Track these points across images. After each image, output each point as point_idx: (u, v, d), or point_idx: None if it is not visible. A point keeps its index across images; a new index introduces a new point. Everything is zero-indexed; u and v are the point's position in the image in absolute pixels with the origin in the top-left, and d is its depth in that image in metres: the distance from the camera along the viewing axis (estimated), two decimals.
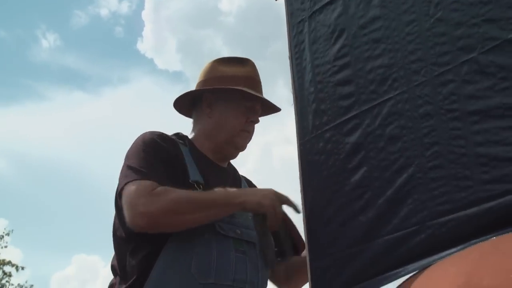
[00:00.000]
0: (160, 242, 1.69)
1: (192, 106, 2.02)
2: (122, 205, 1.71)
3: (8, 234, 18.19)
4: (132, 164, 1.76)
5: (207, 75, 1.99)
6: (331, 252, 1.39)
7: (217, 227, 1.73)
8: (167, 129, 1.92)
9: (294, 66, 1.62)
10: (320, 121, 1.50)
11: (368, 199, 1.34)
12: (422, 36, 1.31)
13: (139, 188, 1.68)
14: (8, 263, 17.48)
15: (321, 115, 1.50)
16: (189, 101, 2.02)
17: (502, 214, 1.09)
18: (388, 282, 1.28)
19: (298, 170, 1.54)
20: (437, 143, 1.24)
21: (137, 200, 1.65)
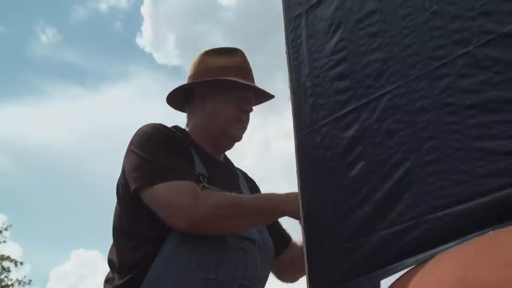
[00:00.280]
0: (163, 239, 1.70)
1: (185, 101, 2.02)
2: (151, 203, 1.70)
3: (6, 229, 18.24)
4: (155, 160, 1.76)
5: (197, 68, 2.00)
6: (328, 247, 1.39)
7: None
8: (166, 123, 1.92)
9: (291, 60, 1.61)
10: (317, 116, 1.49)
11: (365, 193, 1.34)
12: (418, 30, 1.30)
13: (182, 191, 1.70)
14: (7, 258, 17.51)
15: (318, 109, 1.50)
16: (182, 95, 2.02)
17: (499, 208, 1.09)
18: (385, 277, 1.28)
19: (295, 164, 1.54)
20: (433, 138, 1.23)
21: (182, 203, 1.67)
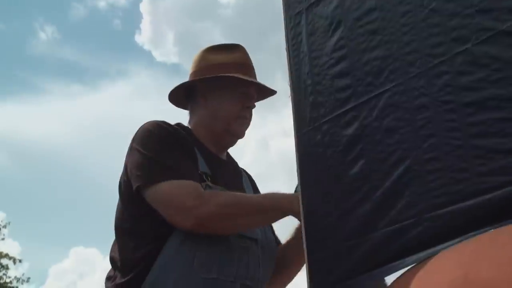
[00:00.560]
0: (165, 237, 1.70)
1: (187, 98, 2.02)
2: (154, 202, 1.70)
3: (5, 227, 18.27)
4: (158, 158, 1.75)
5: (198, 65, 1.98)
6: (328, 245, 1.39)
7: None
8: (166, 121, 1.92)
9: (291, 58, 1.61)
10: (318, 114, 1.49)
11: (365, 191, 1.34)
12: (417, 27, 1.30)
13: (186, 190, 1.70)
14: (6, 256, 17.53)
15: (318, 107, 1.50)
16: (183, 93, 2.01)
17: (499, 206, 1.08)
18: (385, 275, 1.29)
19: (296, 163, 1.54)
20: (433, 135, 1.23)
21: (187, 202, 1.67)
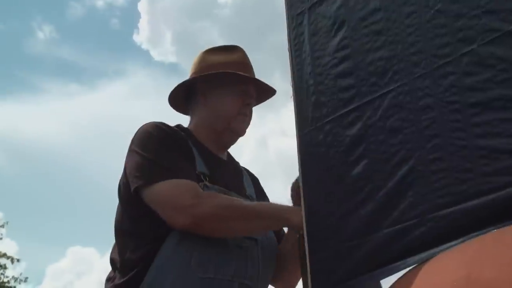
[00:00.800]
0: (163, 238, 1.70)
1: (187, 101, 2.02)
2: (152, 202, 1.70)
3: (3, 226, 18.17)
4: (156, 159, 1.75)
5: (198, 67, 2.00)
6: (330, 245, 1.39)
7: None
8: (163, 120, 1.92)
9: (294, 58, 1.61)
10: (320, 114, 1.49)
11: (368, 191, 1.34)
12: (422, 28, 1.30)
13: (184, 189, 1.69)
14: (4, 255, 17.43)
15: (321, 107, 1.49)
16: (183, 95, 2.02)
17: (503, 207, 1.08)
18: (388, 275, 1.28)
19: (298, 162, 1.53)
20: (437, 136, 1.23)
21: (183, 201, 1.67)
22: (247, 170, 2.12)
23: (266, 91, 2.04)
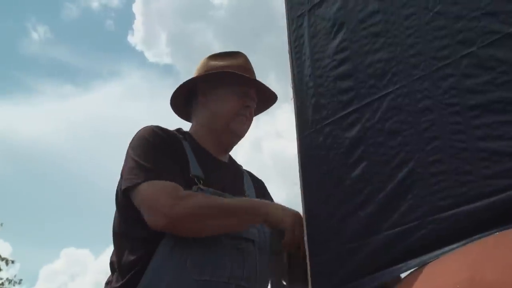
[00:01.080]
0: (159, 240, 1.70)
1: (188, 104, 2.03)
2: (136, 203, 1.70)
3: None
4: (143, 162, 1.76)
5: (200, 70, 2.02)
6: (331, 247, 1.39)
7: None
8: (158, 122, 1.93)
9: (294, 60, 1.61)
10: (320, 116, 1.49)
11: (368, 194, 1.34)
12: (421, 30, 1.30)
13: (162, 190, 1.69)
14: None
15: (320, 109, 1.49)
16: (185, 99, 2.03)
17: (504, 209, 1.08)
18: (388, 278, 1.28)
19: (298, 165, 1.53)
20: (437, 138, 1.23)
21: (160, 202, 1.67)
22: (250, 174, 2.12)
23: (267, 97, 2.05)
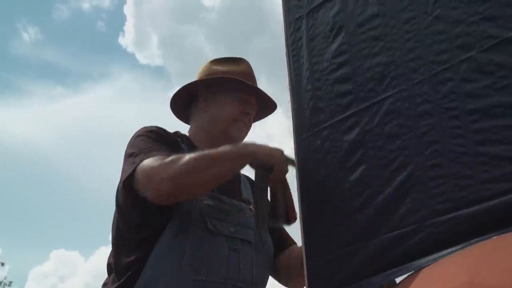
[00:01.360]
0: (155, 241, 1.70)
1: (188, 107, 2.03)
2: (138, 186, 1.69)
3: None
4: (136, 151, 1.76)
5: (203, 74, 2.03)
6: (328, 250, 1.39)
7: (209, 225, 1.73)
8: (149, 124, 1.92)
9: (291, 63, 1.61)
10: (318, 119, 1.49)
11: (366, 197, 1.34)
12: (421, 34, 1.30)
13: (153, 161, 1.68)
14: None
15: (318, 112, 1.50)
16: (184, 101, 2.03)
17: (503, 213, 1.09)
18: (386, 281, 1.28)
19: (295, 168, 1.54)
20: (436, 142, 1.23)
21: (155, 170, 1.65)
22: (248, 178, 2.12)
23: (266, 105, 2.06)
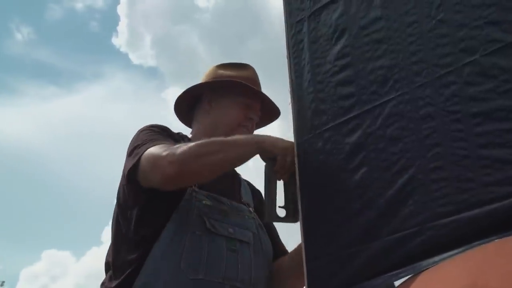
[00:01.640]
0: (154, 240, 1.70)
1: (192, 110, 2.05)
2: (143, 175, 1.70)
3: None
4: (140, 143, 1.76)
5: (208, 78, 2.05)
6: (329, 252, 1.39)
7: (208, 225, 1.74)
8: (141, 124, 1.92)
9: (292, 65, 1.61)
10: (319, 121, 1.49)
11: (367, 199, 1.34)
12: (424, 37, 1.31)
13: (159, 148, 1.69)
14: None
15: (320, 115, 1.50)
16: (188, 105, 2.04)
17: (505, 216, 1.09)
18: (386, 284, 1.28)
19: (296, 169, 1.54)
20: (438, 145, 1.24)
21: (163, 155, 1.65)
22: (248, 182, 2.12)
23: (269, 113, 2.07)
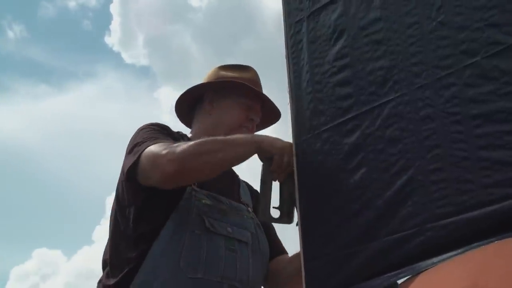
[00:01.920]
0: (153, 239, 1.70)
1: (193, 110, 2.04)
2: (142, 174, 1.69)
3: None
4: (140, 141, 1.76)
5: (210, 78, 2.06)
6: (327, 253, 1.39)
7: (207, 224, 1.73)
8: (133, 124, 1.93)
9: (291, 65, 1.61)
10: (318, 122, 1.49)
11: (366, 200, 1.34)
12: (424, 39, 1.31)
13: (159, 146, 1.69)
14: None
15: (319, 115, 1.50)
16: (189, 105, 2.04)
17: (504, 218, 1.09)
18: (385, 284, 1.28)
19: (294, 169, 1.53)
20: (438, 146, 1.24)
21: (162, 153, 1.65)
22: (247, 184, 2.12)
23: (270, 115, 2.07)
